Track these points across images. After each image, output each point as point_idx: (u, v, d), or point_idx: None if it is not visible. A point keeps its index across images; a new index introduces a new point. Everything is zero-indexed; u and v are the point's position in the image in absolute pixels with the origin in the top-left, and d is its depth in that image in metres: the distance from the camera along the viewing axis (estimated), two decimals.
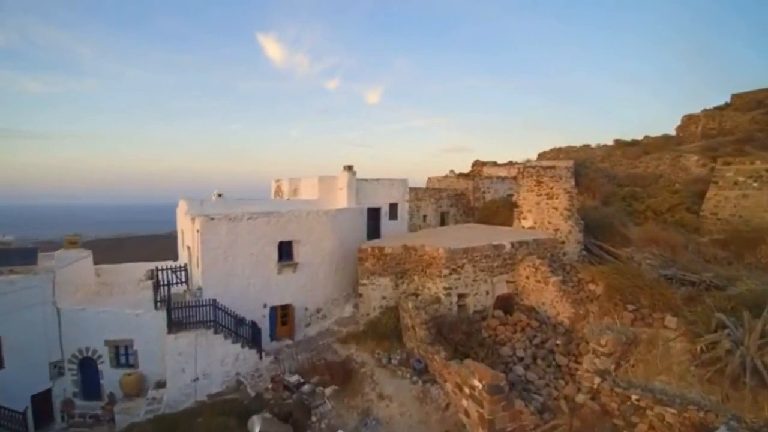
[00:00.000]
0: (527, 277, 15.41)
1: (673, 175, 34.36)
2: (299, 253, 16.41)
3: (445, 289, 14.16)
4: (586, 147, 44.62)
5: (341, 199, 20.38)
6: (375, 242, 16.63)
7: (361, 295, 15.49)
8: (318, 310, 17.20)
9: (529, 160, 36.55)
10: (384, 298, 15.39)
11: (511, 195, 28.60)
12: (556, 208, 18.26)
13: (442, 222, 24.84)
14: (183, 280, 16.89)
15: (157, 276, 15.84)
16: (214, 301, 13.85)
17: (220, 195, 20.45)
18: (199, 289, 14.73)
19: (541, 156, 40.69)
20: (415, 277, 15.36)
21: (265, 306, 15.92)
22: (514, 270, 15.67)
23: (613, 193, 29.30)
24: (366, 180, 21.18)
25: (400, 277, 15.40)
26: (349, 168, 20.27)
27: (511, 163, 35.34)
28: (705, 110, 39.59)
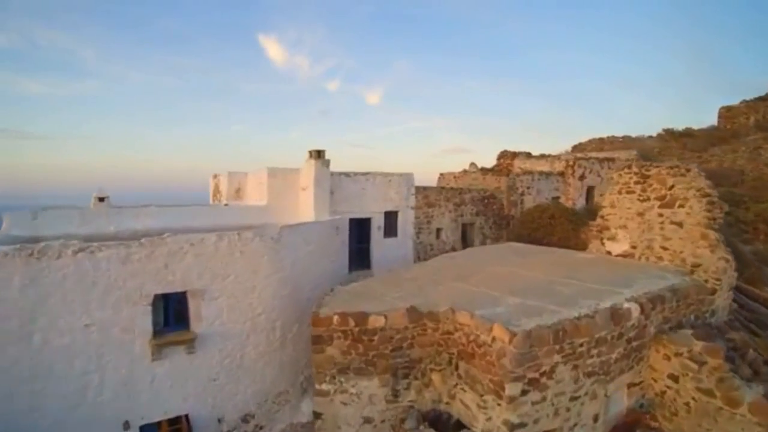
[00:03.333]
0: (673, 378, 7.29)
1: (756, 170, 27.37)
2: (202, 315, 8.27)
3: (513, 426, 6.02)
4: (627, 138, 37.09)
5: (305, 205, 12.36)
6: (345, 298, 8.38)
7: (320, 416, 7.28)
8: (246, 419, 9.04)
9: (567, 152, 28.47)
10: (368, 421, 7.22)
11: (557, 197, 20.67)
12: (679, 224, 10.19)
13: (464, 239, 16.71)
14: None
15: None
16: None
17: (101, 199, 12.26)
18: None
19: (577, 148, 32.57)
20: (435, 377, 7.26)
21: (127, 427, 7.82)
22: (642, 361, 7.52)
23: None
24: (348, 175, 13.15)
25: (403, 375, 7.26)
26: (318, 154, 12.20)
27: (543, 156, 27.34)
28: (744, 101, 37.45)
